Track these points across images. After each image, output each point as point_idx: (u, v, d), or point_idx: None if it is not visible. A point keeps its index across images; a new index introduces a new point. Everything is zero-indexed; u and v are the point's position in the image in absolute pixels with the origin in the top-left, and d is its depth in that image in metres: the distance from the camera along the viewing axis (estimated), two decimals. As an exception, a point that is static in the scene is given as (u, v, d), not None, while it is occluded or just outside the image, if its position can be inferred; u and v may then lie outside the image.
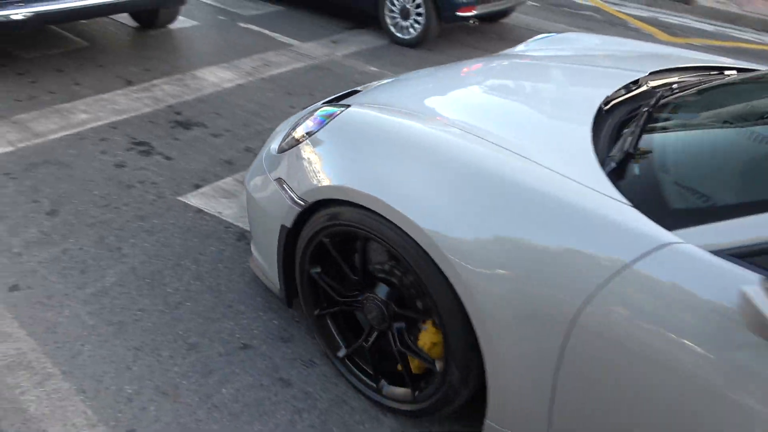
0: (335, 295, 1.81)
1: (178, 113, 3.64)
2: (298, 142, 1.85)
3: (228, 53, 4.70)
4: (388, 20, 5.38)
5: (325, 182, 1.64)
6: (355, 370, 1.85)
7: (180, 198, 2.81)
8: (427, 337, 1.64)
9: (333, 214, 1.63)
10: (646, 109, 1.57)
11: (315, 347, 2.03)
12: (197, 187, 2.91)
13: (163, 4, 4.58)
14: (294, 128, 1.94)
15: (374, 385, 1.80)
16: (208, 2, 6.07)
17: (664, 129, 1.49)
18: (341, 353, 1.86)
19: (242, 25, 5.44)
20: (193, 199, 2.81)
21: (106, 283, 2.25)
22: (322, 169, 1.68)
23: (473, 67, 2.20)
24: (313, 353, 2.01)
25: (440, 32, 5.46)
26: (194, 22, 5.38)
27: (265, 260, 2.02)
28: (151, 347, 1.99)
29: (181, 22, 5.31)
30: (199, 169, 3.06)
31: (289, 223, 1.79)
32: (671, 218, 1.17)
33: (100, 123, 3.44)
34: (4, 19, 3.52)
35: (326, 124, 1.78)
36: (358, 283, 1.75)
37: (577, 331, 1.22)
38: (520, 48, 2.73)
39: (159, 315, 2.13)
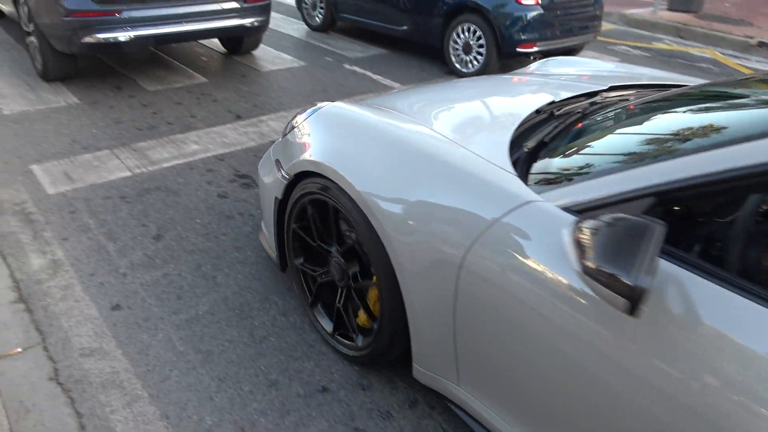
0: (310, 240, 2.12)
1: (280, 149, 3.78)
2: (292, 129, 2.18)
3: (332, 94, 4.87)
4: (452, 55, 5.58)
5: (302, 158, 1.98)
6: (319, 319, 2.19)
7: (274, 232, 2.88)
8: (373, 293, 1.94)
9: (307, 184, 1.99)
10: (557, 111, 1.96)
11: (394, 397, 1.97)
12: (291, 222, 2.98)
13: (245, 32, 5.09)
14: (294, 118, 2.25)
15: (330, 332, 2.14)
16: (317, 44, 6.37)
17: (558, 126, 1.81)
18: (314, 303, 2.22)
19: (347, 66, 5.64)
20: (287, 234, 2.87)
21: (199, 310, 2.33)
22: (302, 149, 2.02)
23: (467, 80, 2.56)
24: (390, 404, 1.95)
25: (500, 66, 5.50)
26: (302, 63, 5.65)
27: (267, 230, 2.40)
28: (234, 380, 2.01)
29: (289, 62, 5.59)
30: (295, 204, 3.14)
31: (280, 195, 2.16)
32: (539, 185, 1.50)
33: (208, 154, 3.64)
34: (114, 40, 4.33)
35: (311, 114, 2.13)
36: (321, 248, 2.09)
37: (464, 276, 1.50)
38: (532, 67, 2.93)
39: (244, 347, 2.16)
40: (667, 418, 1.12)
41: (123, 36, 4.34)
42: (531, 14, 5.12)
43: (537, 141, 1.73)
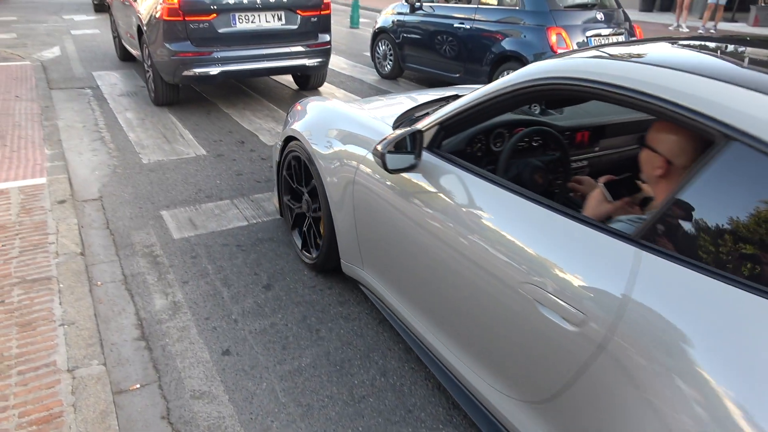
0: (292, 183, 3.15)
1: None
2: (288, 114, 3.26)
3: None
4: None
5: (288, 129, 3.03)
6: (294, 239, 3.23)
7: (378, 289, 2.91)
8: (321, 220, 2.83)
9: (291, 145, 3.00)
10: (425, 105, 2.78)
11: (494, 478, 1.87)
12: (395, 280, 3.00)
13: (308, 70, 6.32)
14: (292, 108, 3.25)
15: (300, 247, 3.16)
16: (385, 88, 6.53)
17: (419, 111, 2.63)
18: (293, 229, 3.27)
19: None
20: (390, 292, 2.89)
21: (302, 363, 2.37)
22: (290, 124, 3.03)
23: (412, 92, 3.31)
24: None
25: None
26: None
27: (275, 191, 3.41)
28: (332, 438, 2.01)
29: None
30: (399, 262, 3.17)
31: (278, 158, 3.20)
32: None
33: (319, 208, 3.79)
34: (206, 74, 5.62)
35: (302, 104, 3.18)
36: (298, 189, 3.11)
37: (356, 187, 2.42)
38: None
39: (343, 405, 2.16)
40: (444, 255, 1.90)
41: (213, 71, 5.62)
42: None
43: (405, 116, 2.57)
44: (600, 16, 6.06)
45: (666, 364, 1.22)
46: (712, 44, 1.79)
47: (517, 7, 5.89)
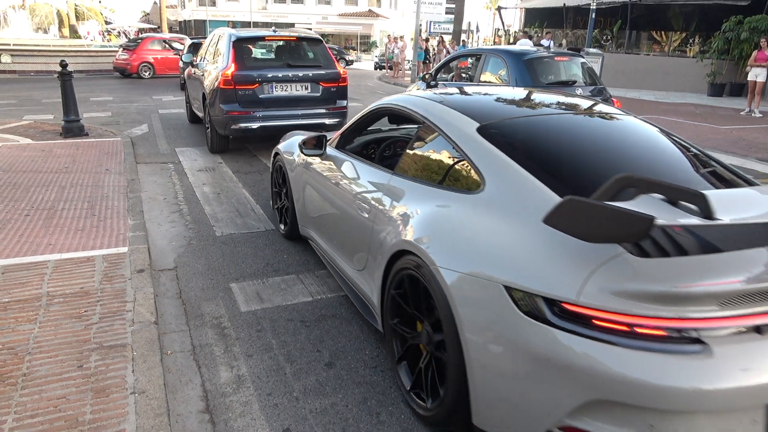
0: (279, 181, 4.80)
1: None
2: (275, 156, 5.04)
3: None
4: None
5: (276, 148, 4.80)
6: (274, 203, 5.08)
7: (440, 374, 2.86)
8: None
9: (277, 159, 4.71)
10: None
11: None
12: (457, 365, 2.94)
13: (326, 128, 7.50)
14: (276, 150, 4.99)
15: (281, 223, 4.96)
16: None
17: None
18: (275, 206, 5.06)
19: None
20: (452, 378, 2.82)
21: (361, 447, 2.33)
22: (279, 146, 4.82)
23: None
24: None
25: None
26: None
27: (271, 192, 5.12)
28: None
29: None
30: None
31: (270, 168, 4.96)
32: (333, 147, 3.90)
33: (382, 287, 3.82)
34: (248, 128, 7.36)
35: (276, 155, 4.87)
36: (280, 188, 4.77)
37: (299, 174, 4.22)
38: None
39: (402, 497, 2.08)
40: (337, 210, 3.50)
41: (254, 125, 7.36)
42: None
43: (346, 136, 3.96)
44: (578, 91, 7.09)
45: (389, 212, 2.82)
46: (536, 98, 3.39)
47: (507, 84, 7.08)
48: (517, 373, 1.87)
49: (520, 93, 3.50)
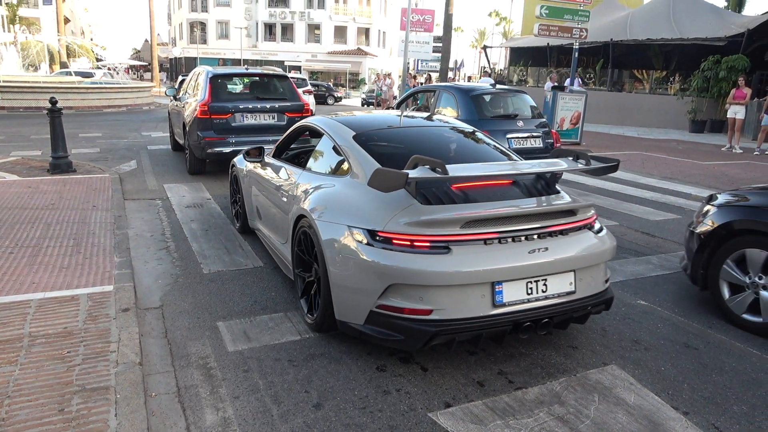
0: (234, 187, 6.26)
1: (439, 325, 3.81)
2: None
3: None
4: None
5: (234, 162, 6.19)
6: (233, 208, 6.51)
7: (430, 414, 2.82)
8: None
9: (234, 170, 6.09)
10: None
11: None
12: (448, 405, 2.90)
13: None
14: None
15: (233, 214, 6.50)
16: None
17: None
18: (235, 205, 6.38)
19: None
20: (442, 418, 2.79)
21: (350, 493, 2.27)
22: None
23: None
24: None
25: None
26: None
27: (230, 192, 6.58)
28: None
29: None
30: (451, 386, 3.08)
31: (230, 178, 6.40)
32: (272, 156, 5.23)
33: (371, 325, 3.78)
34: (221, 151, 8.42)
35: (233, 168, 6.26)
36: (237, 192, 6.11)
37: (246, 178, 5.58)
38: None
39: None
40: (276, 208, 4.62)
41: (226, 149, 8.33)
42: None
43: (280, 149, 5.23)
44: (520, 123, 7.91)
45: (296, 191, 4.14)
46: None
47: (455, 116, 7.63)
48: (352, 277, 3.17)
49: (394, 115, 5.06)
